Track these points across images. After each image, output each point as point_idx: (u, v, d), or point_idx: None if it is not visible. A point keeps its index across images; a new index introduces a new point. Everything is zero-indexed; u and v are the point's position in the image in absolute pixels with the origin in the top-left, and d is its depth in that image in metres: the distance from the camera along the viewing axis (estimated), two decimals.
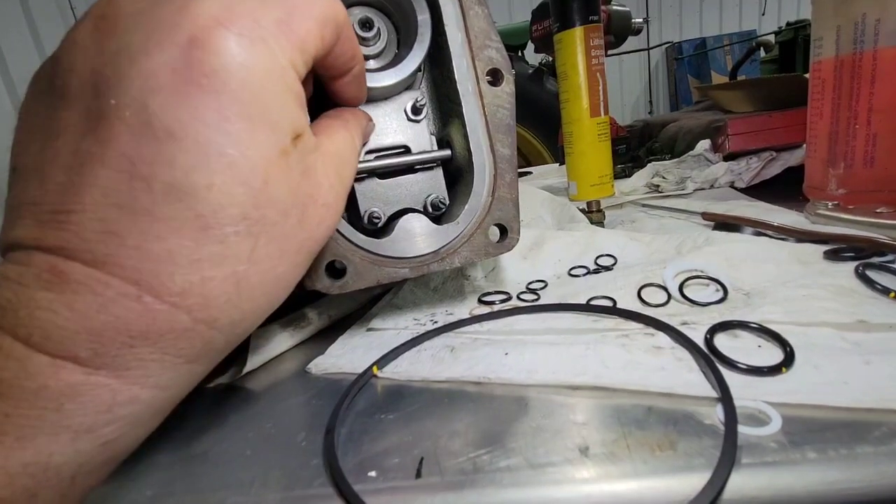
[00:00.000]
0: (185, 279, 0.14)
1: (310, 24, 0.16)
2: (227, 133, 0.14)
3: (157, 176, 0.13)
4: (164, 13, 0.13)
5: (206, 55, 0.13)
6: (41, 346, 0.13)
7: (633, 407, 0.19)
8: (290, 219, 0.16)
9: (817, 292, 0.23)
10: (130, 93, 0.13)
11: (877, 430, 0.16)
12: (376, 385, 0.24)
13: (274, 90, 0.15)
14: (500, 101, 0.28)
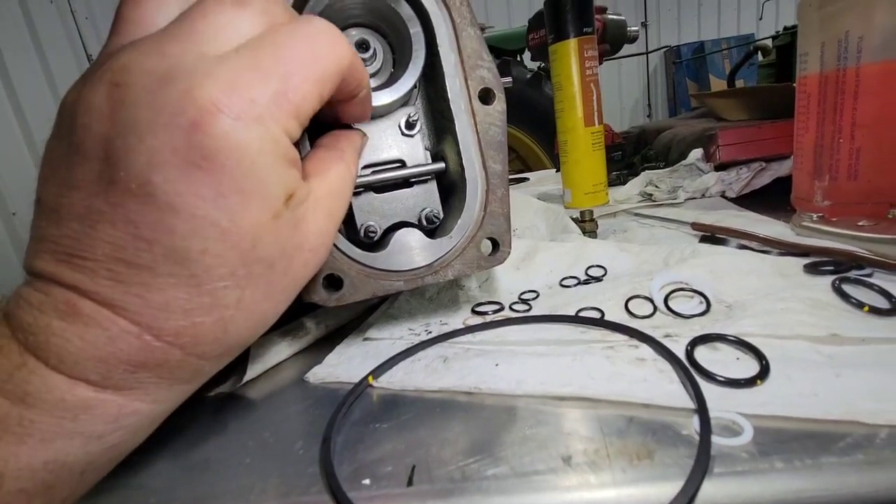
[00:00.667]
0: (178, 324, 0.16)
1: (307, 87, 0.17)
2: (221, 207, 0.15)
3: (158, 241, 0.15)
4: (170, 95, 0.15)
5: (206, 139, 0.15)
6: (57, 367, 0.15)
7: (615, 417, 0.20)
8: (277, 269, 0.18)
9: (794, 305, 0.24)
10: (137, 167, 0.15)
11: (842, 441, 0.17)
12: (372, 394, 0.25)
13: (267, 163, 0.16)
14: (492, 120, 0.29)
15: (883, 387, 0.19)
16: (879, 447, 0.16)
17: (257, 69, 0.16)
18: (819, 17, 0.38)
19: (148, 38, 0.16)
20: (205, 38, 0.16)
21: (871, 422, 0.17)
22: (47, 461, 0.15)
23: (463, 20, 0.28)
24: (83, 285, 0.15)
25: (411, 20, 0.28)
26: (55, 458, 0.15)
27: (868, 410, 0.18)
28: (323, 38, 0.18)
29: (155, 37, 0.16)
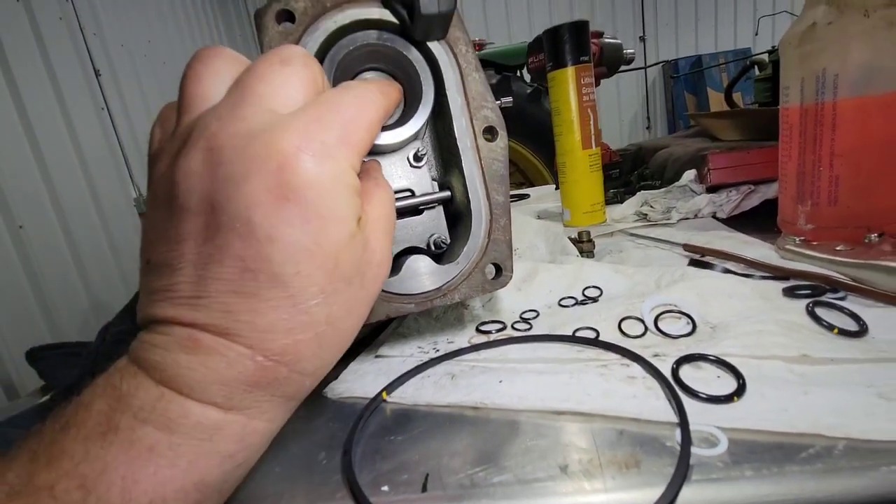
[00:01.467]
0: (283, 343, 0.19)
1: (362, 133, 0.20)
2: (308, 232, 0.18)
3: (260, 269, 0.18)
4: (257, 148, 0.18)
5: (292, 176, 0.18)
6: (189, 394, 0.18)
7: (607, 430, 0.23)
8: (354, 284, 0.20)
9: (771, 328, 0.27)
10: (238, 210, 0.17)
11: (805, 451, 0.19)
12: (385, 409, 0.28)
13: (340, 192, 0.19)
14: (495, 155, 0.32)
15: (844, 403, 0.21)
16: (836, 457, 0.19)
17: (321, 121, 0.19)
18: (798, 54, 0.41)
19: (221, 107, 0.19)
20: (268, 98, 0.19)
21: (830, 434, 0.20)
22: (196, 482, 0.18)
23: (468, 66, 0.31)
24: (201, 321, 0.18)
25: (421, 65, 0.31)
26: (201, 478, 0.18)
27: (829, 424, 0.20)
28: (366, 95, 0.21)
29: (227, 105, 0.19)
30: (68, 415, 0.18)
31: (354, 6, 0.29)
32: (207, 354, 0.18)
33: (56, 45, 2.01)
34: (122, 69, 2.35)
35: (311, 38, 0.28)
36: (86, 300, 1.85)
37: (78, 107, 2.04)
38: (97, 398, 0.18)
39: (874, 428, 0.19)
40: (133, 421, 0.17)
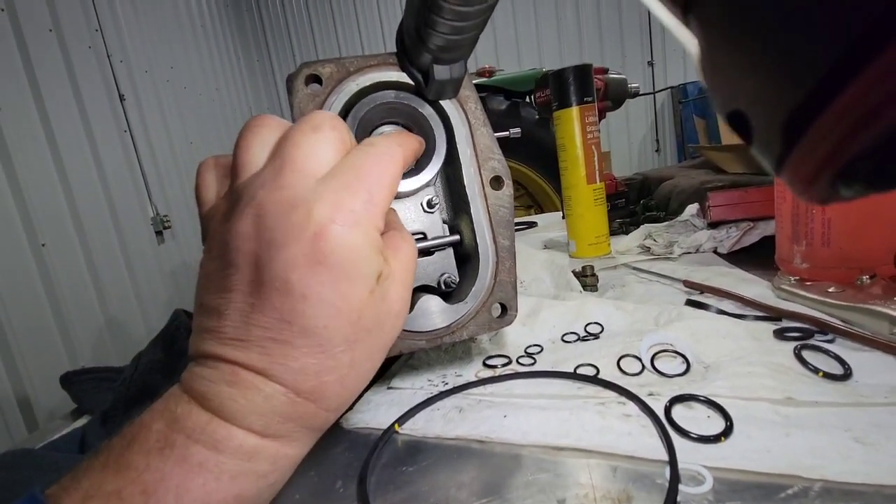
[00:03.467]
0: (312, 384, 0.22)
1: (385, 192, 0.23)
2: (336, 291, 0.21)
3: (294, 321, 0.21)
4: (297, 218, 0.21)
5: (325, 244, 0.21)
6: (233, 421, 0.21)
7: (603, 466, 0.24)
8: (374, 333, 0.23)
9: (759, 370, 0.28)
10: (278, 271, 0.20)
11: (783, 491, 0.21)
12: (398, 440, 0.30)
13: (365, 254, 0.22)
14: (501, 202, 0.34)
15: (823, 445, 0.23)
16: (812, 498, 0.20)
17: (348, 188, 0.22)
18: None
19: (266, 174, 0.22)
20: (303, 163, 0.22)
21: (808, 476, 0.21)
22: (237, 495, 0.21)
23: (477, 121, 0.34)
24: (242, 360, 0.21)
25: (434, 120, 0.34)
26: (240, 492, 0.21)
27: (807, 466, 0.22)
28: (385, 154, 0.24)
29: (270, 173, 0.22)
30: (133, 432, 0.21)
31: (374, 70, 0.32)
32: (248, 389, 0.21)
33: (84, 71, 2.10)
34: (146, 94, 2.44)
35: (337, 99, 0.31)
36: (101, 316, 1.89)
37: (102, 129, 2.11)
38: (156, 419, 0.21)
39: (849, 470, 0.21)
40: (186, 440, 0.20)
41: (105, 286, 1.93)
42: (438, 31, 0.26)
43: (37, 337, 1.56)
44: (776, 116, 0.07)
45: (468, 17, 0.25)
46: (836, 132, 0.06)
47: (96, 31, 2.20)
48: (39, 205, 1.70)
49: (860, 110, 0.06)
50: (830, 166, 0.07)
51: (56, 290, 1.69)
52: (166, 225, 2.32)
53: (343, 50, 3.92)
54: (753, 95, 0.07)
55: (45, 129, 1.82)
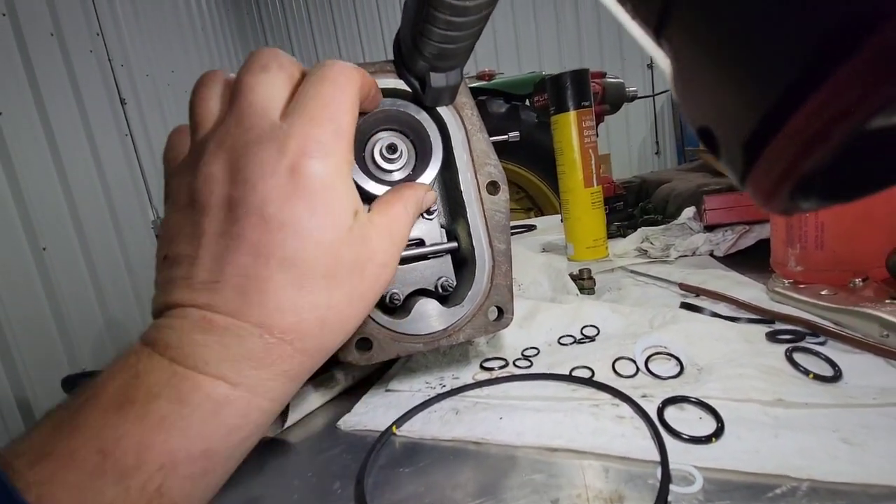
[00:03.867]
0: (289, 321, 0.22)
1: (349, 118, 0.24)
2: (313, 220, 0.22)
3: (274, 253, 0.21)
4: (269, 155, 0.22)
5: (300, 176, 0.21)
6: (202, 369, 0.20)
7: (596, 467, 0.25)
8: (355, 275, 0.24)
9: (751, 371, 0.29)
10: (255, 205, 0.21)
11: (772, 491, 0.21)
12: (395, 442, 0.30)
13: (339, 185, 0.23)
14: (498, 207, 0.35)
15: (811, 446, 0.23)
16: (799, 497, 0.21)
17: (314, 121, 0.23)
18: None
19: (229, 121, 0.23)
20: (263, 105, 0.23)
21: (796, 475, 0.22)
22: (204, 450, 0.20)
23: (473, 127, 0.34)
24: (216, 303, 0.21)
25: (431, 126, 0.34)
26: (208, 447, 0.20)
27: (795, 466, 0.22)
28: (340, 75, 0.25)
29: (233, 119, 0.23)
30: (87, 392, 0.20)
31: (373, 77, 0.33)
32: (221, 334, 0.21)
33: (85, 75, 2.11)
34: (147, 98, 2.46)
35: None
36: (101, 319, 1.90)
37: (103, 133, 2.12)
38: (114, 376, 0.20)
39: (835, 470, 0.22)
40: (147, 395, 0.19)
41: (105, 289, 1.93)
42: (433, 40, 0.27)
43: (37, 340, 1.57)
44: (738, 136, 0.07)
45: (462, 27, 0.25)
46: (789, 153, 0.07)
47: (97, 35, 2.21)
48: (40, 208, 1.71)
49: (808, 133, 0.07)
50: (787, 183, 0.07)
51: (56, 293, 1.69)
52: None
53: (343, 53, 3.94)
54: (718, 115, 0.08)
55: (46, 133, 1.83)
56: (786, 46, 0.06)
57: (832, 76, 0.06)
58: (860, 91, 0.06)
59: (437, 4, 0.23)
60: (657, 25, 0.08)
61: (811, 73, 0.06)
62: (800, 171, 0.07)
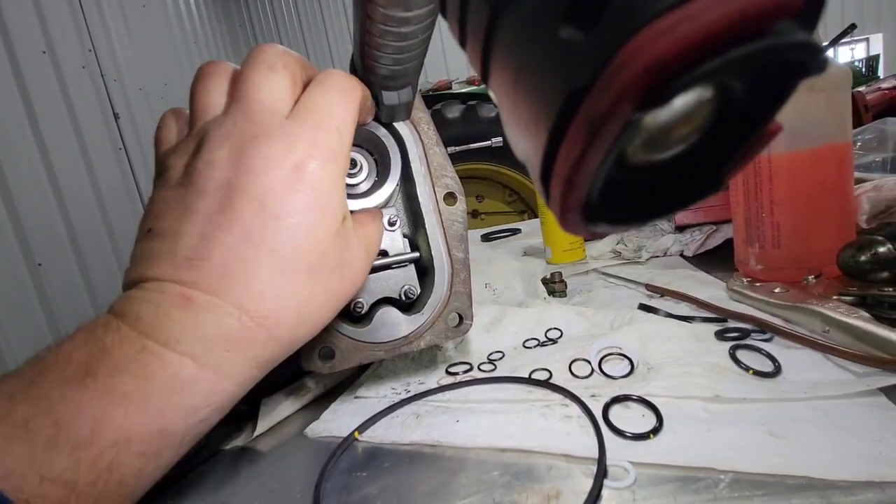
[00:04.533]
0: (269, 306, 0.23)
1: (351, 129, 0.26)
2: (308, 217, 0.23)
3: (265, 240, 0.22)
4: (277, 150, 0.23)
5: (303, 174, 0.23)
6: (172, 346, 0.21)
7: (540, 465, 0.26)
8: (335, 275, 0.25)
9: (695, 369, 0.30)
10: (255, 192, 0.22)
11: (697, 483, 0.23)
12: (357, 447, 0.31)
13: (335, 189, 0.24)
14: (455, 217, 0.36)
15: (739, 440, 0.24)
16: (721, 489, 0.22)
17: (321, 126, 0.24)
18: None
19: (235, 114, 0.24)
20: (270, 104, 0.24)
21: (721, 468, 0.23)
22: (161, 429, 0.20)
23: (430, 141, 0.36)
24: (198, 281, 0.22)
25: (389, 141, 0.35)
26: (165, 426, 0.20)
27: (722, 459, 0.23)
28: (347, 88, 0.27)
29: (239, 113, 0.24)
30: (48, 361, 0.20)
31: None
32: (198, 311, 0.21)
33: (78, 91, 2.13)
34: (140, 111, 2.48)
35: None
36: None
37: (97, 148, 2.14)
38: (78, 348, 0.20)
39: (759, 462, 0.23)
40: (112, 369, 0.19)
41: (103, 304, 1.94)
42: (381, 63, 0.28)
43: None
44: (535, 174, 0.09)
45: (404, 50, 0.27)
46: (558, 191, 0.08)
47: (90, 52, 2.23)
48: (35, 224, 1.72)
49: (564, 176, 0.08)
50: (570, 212, 0.09)
51: (53, 309, 1.71)
52: None
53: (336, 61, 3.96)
54: (524, 156, 0.09)
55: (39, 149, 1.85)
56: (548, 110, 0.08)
57: (567, 133, 0.07)
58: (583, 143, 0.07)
59: (376, 32, 0.25)
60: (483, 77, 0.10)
61: (557, 132, 0.07)
62: (571, 202, 0.08)
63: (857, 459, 0.22)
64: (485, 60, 0.09)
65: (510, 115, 0.09)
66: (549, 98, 0.08)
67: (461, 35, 0.10)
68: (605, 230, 0.09)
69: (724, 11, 0.06)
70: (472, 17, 0.09)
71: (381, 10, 0.23)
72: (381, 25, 0.24)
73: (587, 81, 0.07)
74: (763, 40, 0.06)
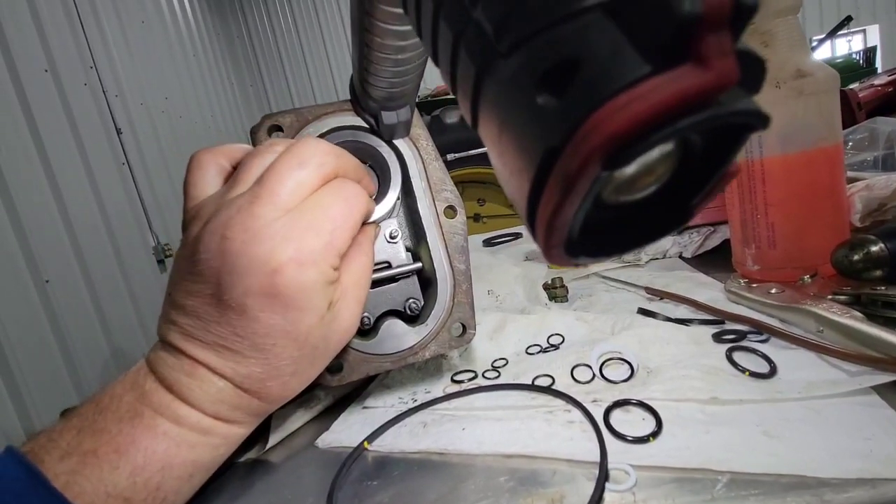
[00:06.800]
0: (256, 387, 0.26)
1: (347, 235, 0.27)
2: (287, 319, 0.25)
3: (246, 337, 0.24)
4: (260, 252, 0.24)
5: (282, 280, 0.24)
6: (189, 402, 0.25)
7: (545, 470, 0.27)
8: (319, 349, 0.27)
9: (692, 372, 0.31)
10: (237, 295, 0.24)
11: (695, 484, 0.23)
12: (367, 457, 0.32)
13: (317, 289, 0.25)
14: (455, 230, 0.37)
15: (734, 441, 0.25)
16: (718, 489, 0.23)
17: (313, 228, 0.25)
18: None
19: (244, 198, 0.25)
20: (281, 199, 0.25)
21: (718, 468, 0.24)
22: (193, 460, 0.25)
23: (429, 156, 0.37)
24: (200, 357, 0.25)
25: (390, 157, 0.37)
26: (196, 458, 0.26)
27: (718, 460, 0.24)
28: (353, 199, 0.27)
29: (248, 198, 0.25)
30: (105, 402, 0.25)
31: (332, 116, 0.35)
32: (203, 381, 0.25)
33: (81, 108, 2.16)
34: (142, 126, 2.50)
35: None
36: (106, 349, 1.93)
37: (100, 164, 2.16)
38: (127, 391, 0.25)
39: (754, 462, 0.24)
40: (153, 413, 0.25)
41: (109, 318, 1.96)
42: (378, 86, 0.29)
43: (44, 373, 1.59)
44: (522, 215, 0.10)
45: (402, 74, 0.28)
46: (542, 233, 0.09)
47: (91, 69, 2.26)
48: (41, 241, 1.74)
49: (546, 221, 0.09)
50: (554, 249, 0.10)
51: (61, 325, 1.72)
52: (167, 253, 2.36)
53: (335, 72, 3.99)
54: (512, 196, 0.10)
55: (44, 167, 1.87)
56: (529, 162, 0.09)
57: (546, 185, 0.08)
58: (559, 195, 0.08)
59: (373, 58, 0.26)
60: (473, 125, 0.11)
61: (537, 183, 0.09)
62: (553, 242, 0.09)
63: (849, 457, 0.23)
64: (473, 112, 0.10)
65: (497, 160, 0.10)
66: (529, 152, 0.09)
67: (452, 86, 0.11)
68: (587, 262, 0.10)
69: (670, 92, 0.07)
70: (461, 73, 0.10)
71: (378, 40, 0.24)
72: (378, 53, 0.25)
73: (560, 143, 0.08)
74: (707, 111, 0.07)
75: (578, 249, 0.10)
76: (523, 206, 0.09)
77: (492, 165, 0.10)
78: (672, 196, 0.10)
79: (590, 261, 0.10)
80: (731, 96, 0.07)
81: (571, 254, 0.10)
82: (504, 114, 0.09)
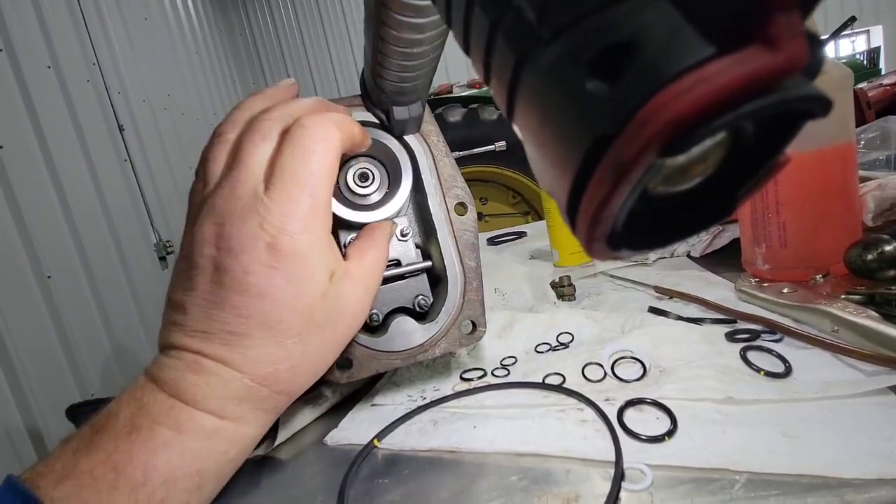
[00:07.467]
0: (266, 370, 0.25)
1: (326, 189, 0.26)
2: (289, 290, 0.24)
3: (252, 316, 0.24)
4: (251, 228, 0.24)
5: (277, 251, 0.24)
6: (194, 405, 0.24)
7: (558, 469, 0.27)
8: (327, 330, 0.26)
9: (707, 372, 0.31)
10: (237, 274, 0.24)
11: (712, 484, 0.23)
12: (377, 454, 0.32)
13: (315, 256, 0.25)
14: (466, 227, 0.37)
15: (754, 440, 0.25)
16: (737, 489, 0.23)
17: (290, 198, 0.25)
18: None
19: (225, 186, 0.25)
20: (255, 173, 0.25)
21: (736, 469, 0.23)
22: (199, 469, 0.24)
23: (439, 153, 0.37)
24: (205, 350, 0.24)
25: (401, 152, 0.36)
26: (202, 467, 0.24)
27: (736, 460, 0.24)
28: (321, 137, 0.26)
29: (228, 184, 0.25)
30: (101, 421, 0.24)
31: None
32: (209, 375, 0.24)
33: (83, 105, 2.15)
34: (144, 123, 2.50)
35: None
36: (108, 345, 1.93)
37: (102, 160, 2.16)
38: (123, 408, 0.24)
39: (772, 462, 0.23)
40: (152, 423, 0.23)
41: (111, 315, 1.96)
42: (390, 80, 0.29)
43: (46, 370, 1.59)
44: (561, 206, 0.09)
45: (413, 69, 0.27)
46: (585, 223, 0.09)
47: (94, 66, 2.25)
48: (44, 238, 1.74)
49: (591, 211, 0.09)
50: (596, 240, 0.09)
51: (63, 322, 1.72)
52: (169, 250, 2.36)
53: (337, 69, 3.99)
54: (550, 189, 0.10)
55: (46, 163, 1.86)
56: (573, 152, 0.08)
57: (594, 174, 0.08)
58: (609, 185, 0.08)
59: (387, 52, 0.26)
60: (508, 115, 0.10)
61: (583, 173, 0.08)
62: (597, 234, 0.09)
63: (869, 458, 0.22)
64: (510, 101, 0.10)
65: (535, 151, 0.10)
66: (574, 142, 0.08)
67: (486, 75, 0.11)
68: (628, 255, 0.10)
69: (737, 75, 0.07)
70: (497, 61, 0.10)
71: (394, 33, 0.23)
72: (393, 46, 0.25)
73: (614, 130, 0.07)
74: (772, 95, 0.07)
75: (620, 242, 0.09)
76: (564, 197, 0.09)
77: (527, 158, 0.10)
78: (716, 187, 0.10)
79: (631, 254, 0.10)
80: (795, 81, 0.07)
81: (613, 246, 0.09)
82: (546, 103, 0.09)
